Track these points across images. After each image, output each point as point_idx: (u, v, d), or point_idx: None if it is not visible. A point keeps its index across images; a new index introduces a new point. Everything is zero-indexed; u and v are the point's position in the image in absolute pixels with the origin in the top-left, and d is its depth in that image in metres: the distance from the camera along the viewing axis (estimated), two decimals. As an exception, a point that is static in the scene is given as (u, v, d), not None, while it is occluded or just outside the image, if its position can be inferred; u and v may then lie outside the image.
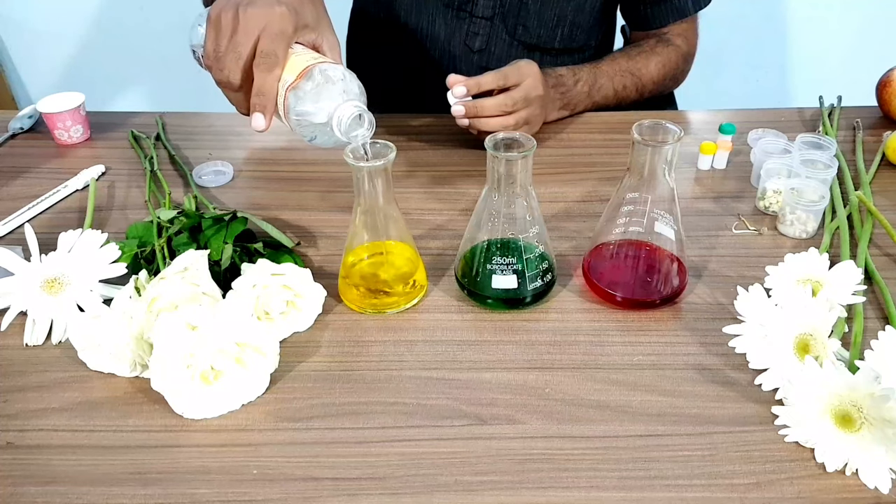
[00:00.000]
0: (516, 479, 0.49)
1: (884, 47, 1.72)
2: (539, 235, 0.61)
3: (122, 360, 0.56)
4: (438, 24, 0.97)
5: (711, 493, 0.48)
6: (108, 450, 0.51)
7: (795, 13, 1.77)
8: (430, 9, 0.96)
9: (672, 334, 0.60)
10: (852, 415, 0.49)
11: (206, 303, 0.57)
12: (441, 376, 0.57)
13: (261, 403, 0.55)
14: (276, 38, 0.63)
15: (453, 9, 0.96)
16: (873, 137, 0.87)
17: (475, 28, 0.96)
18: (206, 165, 0.84)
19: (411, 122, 0.93)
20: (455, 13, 0.96)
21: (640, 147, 0.57)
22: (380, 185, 0.58)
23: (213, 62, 0.66)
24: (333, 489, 0.48)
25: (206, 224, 0.65)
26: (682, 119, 0.97)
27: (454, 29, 0.97)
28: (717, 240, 0.71)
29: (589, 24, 1.00)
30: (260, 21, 0.64)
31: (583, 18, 0.98)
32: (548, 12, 0.96)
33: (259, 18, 0.64)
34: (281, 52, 0.63)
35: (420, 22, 0.98)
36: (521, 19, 0.95)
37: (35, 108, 0.93)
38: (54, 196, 0.80)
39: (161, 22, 1.83)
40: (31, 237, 0.61)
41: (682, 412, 0.53)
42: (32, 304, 0.60)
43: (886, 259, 0.68)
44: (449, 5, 0.95)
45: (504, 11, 0.95)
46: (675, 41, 1.00)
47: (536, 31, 0.97)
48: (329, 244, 0.72)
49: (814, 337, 0.54)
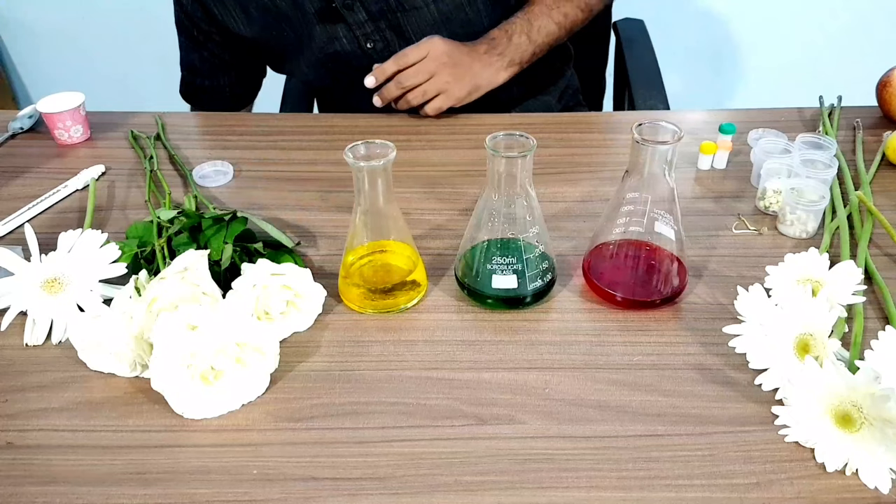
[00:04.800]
0: (516, 479, 0.49)
1: (884, 47, 1.72)
2: (539, 235, 0.61)
3: (122, 360, 0.56)
4: (342, 45, 0.96)
5: (711, 493, 0.48)
6: (108, 450, 0.51)
7: (795, 13, 1.77)
8: (336, 32, 0.94)
9: (672, 334, 0.60)
10: (852, 415, 0.49)
11: (206, 303, 0.57)
12: (441, 376, 0.57)
13: (261, 403, 0.55)
14: None
15: (348, 25, 0.93)
16: (873, 137, 0.87)
17: (363, 31, 0.95)
18: (206, 165, 0.84)
19: (411, 122, 0.93)
20: (350, 31, 0.94)
21: (640, 147, 0.57)
22: (380, 185, 0.58)
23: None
24: (333, 489, 0.48)
25: (206, 224, 0.65)
26: (682, 119, 0.97)
27: (355, 42, 0.95)
28: (717, 240, 0.71)
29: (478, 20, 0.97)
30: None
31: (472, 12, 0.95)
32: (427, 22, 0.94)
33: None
34: None
35: (329, 49, 0.96)
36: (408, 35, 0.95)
37: (35, 108, 0.93)
38: (54, 196, 0.80)
39: (161, 22, 1.82)
40: (31, 237, 0.61)
41: (682, 412, 0.53)
42: (32, 304, 0.60)
43: (886, 259, 0.68)
44: (324, 20, 0.93)
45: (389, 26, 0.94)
46: None
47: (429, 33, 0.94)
48: (329, 244, 0.72)
49: (814, 337, 0.54)
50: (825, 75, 1.78)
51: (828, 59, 1.81)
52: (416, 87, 0.88)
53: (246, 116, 0.96)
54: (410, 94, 0.89)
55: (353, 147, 0.58)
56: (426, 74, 0.87)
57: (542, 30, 0.94)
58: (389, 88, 0.88)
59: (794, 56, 1.83)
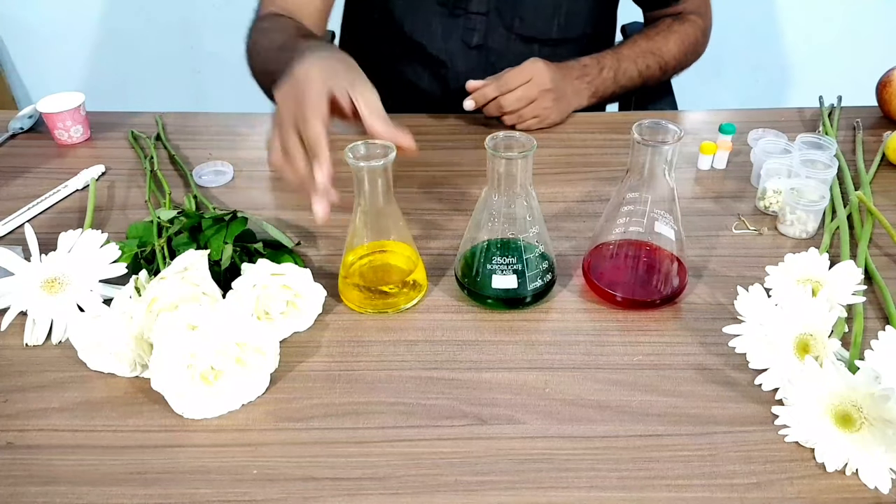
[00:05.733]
0: (516, 479, 0.49)
1: (884, 47, 1.72)
2: (539, 235, 0.61)
3: (123, 360, 0.56)
4: (435, 24, 0.97)
5: (711, 493, 0.48)
6: (108, 450, 0.51)
7: (795, 13, 1.77)
8: (425, 9, 0.96)
9: (672, 334, 0.60)
10: (852, 415, 0.49)
11: (206, 303, 0.57)
12: (441, 376, 0.57)
13: (261, 403, 0.55)
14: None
15: (448, 7, 0.96)
16: (873, 137, 0.87)
17: (471, 24, 0.96)
18: (206, 165, 0.84)
19: (411, 122, 0.93)
20: (450, 11, 0.96)
21: (640, 147, 0.57)
22: (380, 185, 0.58)
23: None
24: (333, 489, 0.48)
25: (206, 224, 0.65)
26: (682, 119, 0.97)
27: (450, 27, 0.97)
28: (717, 240, 0.71)
29: (585, 12, 1.00)
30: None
31: (579, 6, 0.99)
32: (543, 3, 0.96)
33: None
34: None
35: (416, 22, 0.98)
36: (518, 11, 0.96)
37: (35, 108, 0.93)
38: (54, 196, 0.80)
39: (161, 22, 1.83)
40: (31, 237, 0.61)
41: (682, 412, 0.53)
42: (32, 304, 0.60)
43: (886, 259, 0.68)
44: (444, 4, 0.95)
45: (500, 5, 0.95)
46: (690, 17, 1.01)
47: (533, 23, 0.97)
48: (329, 244, 0.72)
49: (814, 337, 0.54)
50: (825, 75, 1.78)
51: (828, 59, 1.81)
52: (515, 111, 0.88)
53: (246, 116, 0.96)
54: (506, 116, 0.88)
55: (353, 147, 0.58)
56: (527, 101, 0.87)
57: (626, 73, 0.96)
58: (489, 110, 0.88)
59: (793, 56, 1.83)
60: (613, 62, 0.95)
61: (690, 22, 1.01)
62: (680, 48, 0.99)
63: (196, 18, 1.83)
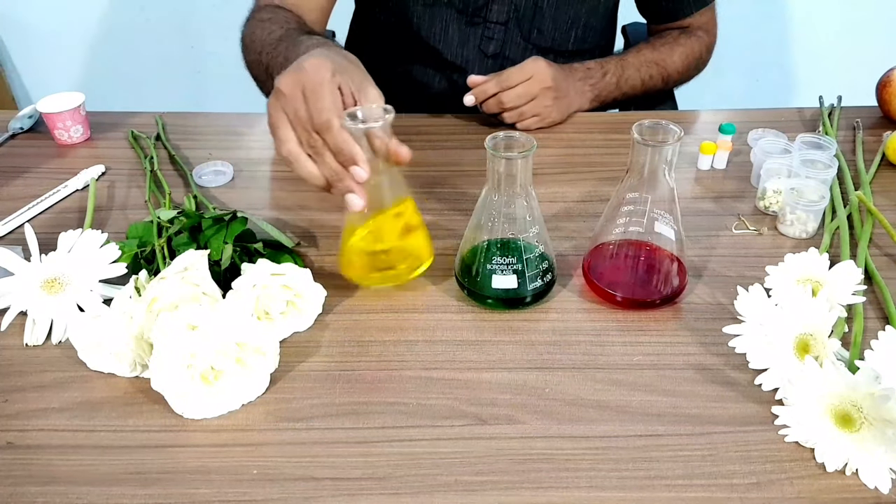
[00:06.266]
0: (516, 479, 0.49)
1: (884, 47, 1.72)
2: (539, 235, 0.61)
3: (122, 360, 0.56)
4: (452, 30, 0.97)
5: (711, 493, 0.48)
6: (108, 450, 0.51)
7: (795, 13, 1.77)
8: (444, 15, 0.96)
9: (672, 334, 0.60)
10: (852, 415, 0.49)
11: (206, 303, 0.57)
12: (441, 376, 0.57)
13: (261, 403, 0.55)
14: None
15: (467, 15, 0.96)
16: (873, 137, 0.87)
17: (490, 33, 0.97)
18: (206, 165, 0.84)
19: (412, 121, 0.93)
20: (469, 19, 0.96)
21: (640, 147, 0.57)
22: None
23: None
24: (333, 489, 0.48)
25: (206, 224, 0.65)
26: (682, 119, 0.97)
27: (468, 34, 0.97)
28: (717, 240, 0.71)
29: (601, 26, 1.01)
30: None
31: (596, 20, 1.00)
32: (562, 15, 0.97)
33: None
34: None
35: (433, 27, 0.98)
36: (536, 23, 0.96)
37: (35, 108, 0.93)
38: (54, 196, 0.80)
39: (161, 22, 1.83)
40: (31, 237, 0.61)
41: (682, 412, 0.53)
42: (32, 304, 0.60)
43: (886, 259, 0.68)
44: (462, 12, 0.95)
45: (519, 16, 0.95)
46: (697, 32, 1.02)
47: (551, 35, 0.98)
48: (329, 244, 0.72)
49: (814, 337, 0.54)
50: (825, 75, 1.78)
51: (828, 59, 1.81)
52: (515, 107, 0.88)
53: (246, 116, 0.96)
54: (507, 112, 0.88)
55: (350, 112, 0.58)
56: (528, 98, 0.87)
57: (629, 80, 0.96)
58: (489, 105, 0.88)
59: (793, 56, 1.83)
60: (617, 68, 0.95)
61: (697, 38, 1.01)
62: (684, 62, 1.00)
63: (196, 18, 1.83)
